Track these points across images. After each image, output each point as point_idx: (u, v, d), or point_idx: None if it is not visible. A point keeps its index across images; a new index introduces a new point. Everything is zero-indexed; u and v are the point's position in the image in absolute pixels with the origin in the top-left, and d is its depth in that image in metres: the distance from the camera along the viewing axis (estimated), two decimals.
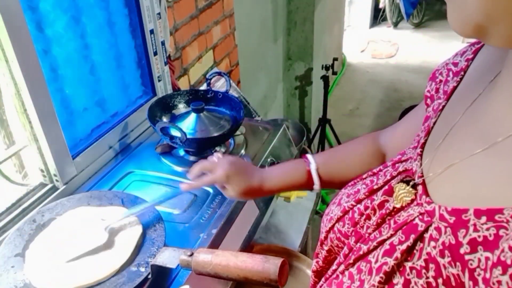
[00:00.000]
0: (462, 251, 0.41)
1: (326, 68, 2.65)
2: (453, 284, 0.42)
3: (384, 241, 0.50)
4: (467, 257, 0.41)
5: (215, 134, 1.14)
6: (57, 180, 1.04)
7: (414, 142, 0.60)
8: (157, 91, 1.36)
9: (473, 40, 0.54)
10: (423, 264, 0.45)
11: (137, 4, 1.22)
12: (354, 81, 4.35)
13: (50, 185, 1.05)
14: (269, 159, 1.20)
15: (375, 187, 0.57)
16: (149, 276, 0.76)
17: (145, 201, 0.92)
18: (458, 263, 0.41)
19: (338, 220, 0.59)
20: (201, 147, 1.17)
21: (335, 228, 0.59)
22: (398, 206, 0.52)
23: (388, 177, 0.56)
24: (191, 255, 0.70)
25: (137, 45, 1.28)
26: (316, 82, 2.93)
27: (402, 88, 4.15)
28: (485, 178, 0.44)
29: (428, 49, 4.91)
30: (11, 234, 0.86)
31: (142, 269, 0.77)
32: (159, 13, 1.28)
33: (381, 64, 4.68)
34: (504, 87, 0.47)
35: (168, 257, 0.76)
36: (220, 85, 1.72)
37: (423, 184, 0.51)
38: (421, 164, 0.54)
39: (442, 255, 0.43)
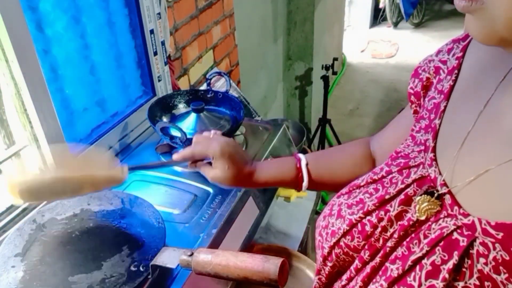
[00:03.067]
0: None
1: (326, 68, 2.65)
2: None
3: (420, 259, 0.46)
4: None
5: None
6: None
7: (417, 144, 0.57)
8: (157, 91, 1.36)
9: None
10: (478, 282, 0.42)
11: (137, 4, 1.22)
12: (354, 81, 4.35)
13: None
14: (269, 159, 1.20)
15: (387, 197, 0.53)
16: (149, 276, 0.76)
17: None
18: None
19: (344, 235, 0.55)
20: None
21: (341, 243, 0.55)
22: (422, 218, 0.48)
23: (401, 186, 0.53)
24: (191, 255, 0.70)
25: (137, 45, 1.28)
26: (316, 82, 2.93)
27: (402, 88, 4.15)
28: None
29: (428, 49, 4.89)
30: (11, 234, 0.86)
31: (142, 269, 0.77)
32: (159, 13, 1.28)
33: (381, 64, 4.68)
34: None
35: (168, 257, 0.76)
36: (220, 85, 1.72)
37: (450, 193, 0.48)
38: (439, 171, 0.50)
39: (498, 272, 0.41)
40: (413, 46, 5.00)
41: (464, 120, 0.50)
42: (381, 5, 5.34)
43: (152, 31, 1.28)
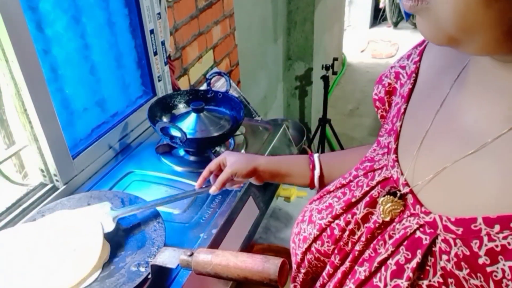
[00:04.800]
0: (481, 262, 0.40)
1: (326, 68, 2.65)
2: None
3: (385, 260, 0.47)
4: (488, 269, 0.39)
5: (215, 134, 1.14)
6: (57, 180, 1.04)
7: (381, 147, 0.58)
8: (157, 91, 1.36)
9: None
10: (441, 280, 0.43)
11: (137, 4, 1.22)
12: (354, 81, 4.35)
13: (50, 185, 1.05)
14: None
15: (353, 200, 0.53)
16: (149, 276, 0.76)
17: (144, 201, 0.92)
18: (479, 274, 0.40)
19: (315, 240, 0.55)
20: (201, 147, 1.17)
21: (312, 249, 0.56)
22: (387, 219, 0.49)
23: (366, 188, 0.53)
24: (191, 255, 0.70)
25: (137, 45, 1.28)
26: (316, 82, 2.93)
27: None
28: (482, 183, 0.42)
29: None
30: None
31: (142, 269, 0.77)
32: (159, 13, 1.28)
33: (381, 64, 4.67)
34: (475, 82, 0.46)
35: (168, 257, 0.76)
36: (220, 85, 1.72)
37: (412, 193, 0.48)
38: (401, 172, 0.51)
39: (459, 268, 0.41)
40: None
41: (423, 120, 0.51)
42: (381, 5, 5.34)
43: (152, 31, 1.28)
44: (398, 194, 0.49)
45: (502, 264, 0.38)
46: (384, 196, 0.50)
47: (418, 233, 0.45)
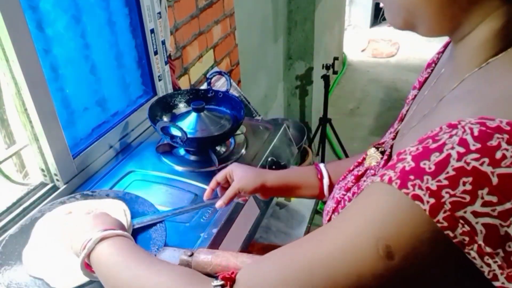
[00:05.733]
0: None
1: (327, 67, 2.64)
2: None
3: (349, 188, 0.61)
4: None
5: (216, 134, 1.14)
6: (57, 180, 1.04)
7: (391, 133, 0.65)
8: (158, 90, 1.36)
9: None
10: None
11: (138, 3, 1.22)
12: (355, 81, 4.35)
13: (50, 185, 1.05)
14: (269, 159, 1.20)
15: (359, 173, 0.62)
16: None
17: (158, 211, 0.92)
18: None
19: (333, 211, 0.62)
20: (202, 147, 1.17)
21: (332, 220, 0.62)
22: (366, 165, 0.61)
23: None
24: (191, 255, 0.70)
25: (138, 45, 1.28)
26: (317, 81, 2.93)
27: (402, 87, 4.15)
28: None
29: (428, 48, 4.90)
30: (12, 234, 0.86)
31: None
32: (159, 13, 1.28)
33: (382, 64, 4.67)
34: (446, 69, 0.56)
35: (169, 257, 0.76)
36: (220, 84, 1.72)
37: (386, 159, 0.57)
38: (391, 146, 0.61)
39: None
40: (414, 46, 5.00)
41: (423, 107, 0.57)
42: (381, 5, 5.32)
43: (152, 31, 1.28)
44: (380, 149, 0.61)
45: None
46: (370, 147, 0.63)
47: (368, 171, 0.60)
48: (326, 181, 0.81)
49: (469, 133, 0.38)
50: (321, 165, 0.84)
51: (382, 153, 0.60)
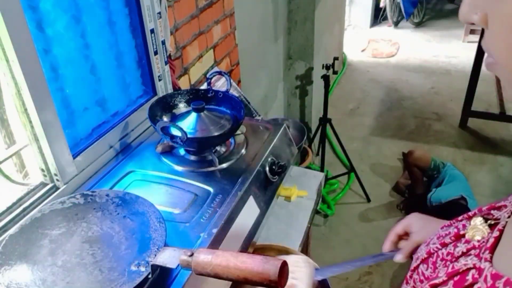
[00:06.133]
0: None
1: (327, 67, 2.64)
2: None
3: (436, 285, 0.49)
4: None
5: (216, 134, 1.14)
6: (57, 180, 1.04)
7: None
8: (158, 90, 1.36)
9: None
10: None
11: (138, 3, 1.22)
12: (355, 81, 4.35)
13: (50, 185, 1.05)
14: (269, 159, 1.20)
15: (461, 232, 0.54)
16: (149, 276, 0.76)
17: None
18: None
19: (422, 261, 0.58)
20: (202, 147, 1.17)
21: (420, 269, 0.59)
22: (467, 237, 0.51)
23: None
24: (191, 255, 0.70)
25: (138, 45, 1.28)
26: (317, 81, 2.93)
27: (402, 87, 4.15)
28: None
29: (428, 48, 4.90)
30: (12, 234, 0.86)
31: (142, 269, 0.77)
32: (159, 13, 1.28)
33: (382, 64, 4.67)
34: None
35: (168, 257, 0.76)
36: (220, 84, 1.72)
37: (497, 237, 0.48)
38: (509, 216, 0.50)
39: None
40: (414, 46, 5.00)
41: None
42: (381, 5, 5.34)
43: (152, 31, 1.28)
44: (489, 222, 0.51)
45: None
46: (477, 217, 0.53)
47: (469, 274, 0.46)
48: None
49: None
50: None
51: (490, 225, 0.51)
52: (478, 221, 0.52)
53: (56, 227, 0.88)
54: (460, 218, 0.59)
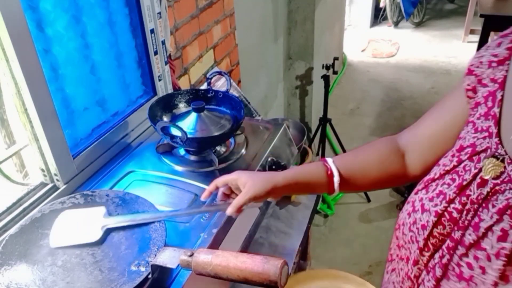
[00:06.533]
0: None
1: (327, 67, 2.64)
2: None
3: (491, 226, 0.54)
4: None
5: (216, 134, 1.14)
6: (57, 180, 1.05)
7: (478, 131, 0.62)
8: (158, 90, 1.36)
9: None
10: None
11: (138, 3, 1.22)
12: (355, 81, 4.35)
13: (50, 185, 1.05)
14: (269, 159, 1.20)
15: (465, 183, 0.59)
16: (149, 276, 0.76)
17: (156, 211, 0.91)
18: None
19: (435, 225, 0.61)
20: (202, 147, 1.17)
21: (435, 233, 0.62)
22: (487, 177, 0.56)
23: (475, 170, 0.59)
24: (191, 255, 0.70)
25: (138, 45, 1.28)
26: (317, 81, 2.93)
27: (402, 87, 4.15)
28: None
29: (428, 48, 4.90)
30: (12, 234, 0.86)
31: (142, 269, 0.77)
32: (159, 13, 1.28)
33: (382, 64, 4.67)
34: None
35: (168, 257, 0.76)
36: (220, 84, 1.72)
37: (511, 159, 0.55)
38: (505, 152, 0.57)
39: None
40: (414, 46, 5.00)
41: None
42: (381, 5, 5.34)
43: (152, 31, 1.28)
44: (501, 158, 0.56)
45: None
46: (488, 158, 0.58)
47: None
48: (336, 179, 0.80)
49: None
50: (330, 161, 0.82)
51: (503, 161, 0.57)
52: (489, 162, 0.57)
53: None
54: (435, 176, 0.63)
